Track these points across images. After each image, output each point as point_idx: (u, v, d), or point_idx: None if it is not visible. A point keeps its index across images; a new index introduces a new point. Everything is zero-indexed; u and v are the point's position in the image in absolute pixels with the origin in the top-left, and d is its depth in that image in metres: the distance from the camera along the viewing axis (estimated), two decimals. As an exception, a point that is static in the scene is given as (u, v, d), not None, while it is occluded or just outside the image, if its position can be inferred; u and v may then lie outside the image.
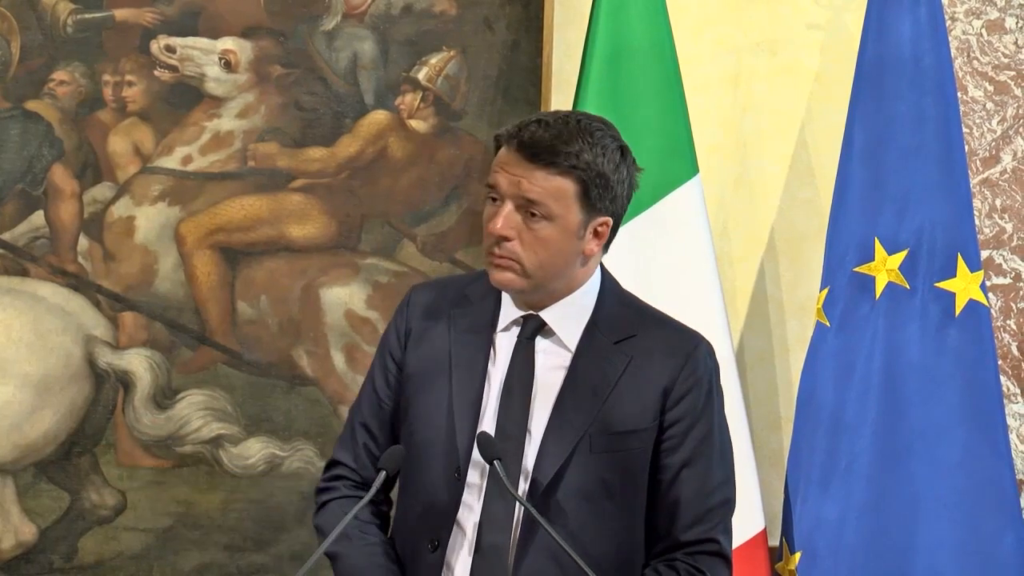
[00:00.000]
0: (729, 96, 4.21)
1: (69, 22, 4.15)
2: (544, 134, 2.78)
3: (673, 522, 2.87)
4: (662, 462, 2.87)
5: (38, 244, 4.17)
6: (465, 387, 2.87)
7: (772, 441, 4.19)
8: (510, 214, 2.79)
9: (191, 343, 4.19)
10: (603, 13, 3.91)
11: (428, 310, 2.96)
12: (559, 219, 2.79)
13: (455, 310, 2.93)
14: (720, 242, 4.12)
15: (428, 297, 2.98)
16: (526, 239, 2.79)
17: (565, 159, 2.77)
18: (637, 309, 2.96)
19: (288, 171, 4.18)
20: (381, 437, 2.98)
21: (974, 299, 3.90)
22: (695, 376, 2.88)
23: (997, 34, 4.22)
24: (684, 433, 2.87)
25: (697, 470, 2.88)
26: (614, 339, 2.88)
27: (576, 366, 2.86)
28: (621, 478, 2.84)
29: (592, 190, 2.80)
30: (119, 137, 4.18)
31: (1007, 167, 4.22)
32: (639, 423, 2.85)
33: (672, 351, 2.88)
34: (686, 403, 2.87)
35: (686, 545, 2.87)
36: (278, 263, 4.19)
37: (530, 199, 2.78)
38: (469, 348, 2.89)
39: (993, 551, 3.88)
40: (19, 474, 4.18)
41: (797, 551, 3.90)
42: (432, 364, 2.91)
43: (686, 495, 2.87)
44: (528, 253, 2.80)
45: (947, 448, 3.88)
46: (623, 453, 2.84)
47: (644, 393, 2.85)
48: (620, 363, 2.86)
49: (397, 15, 4.17)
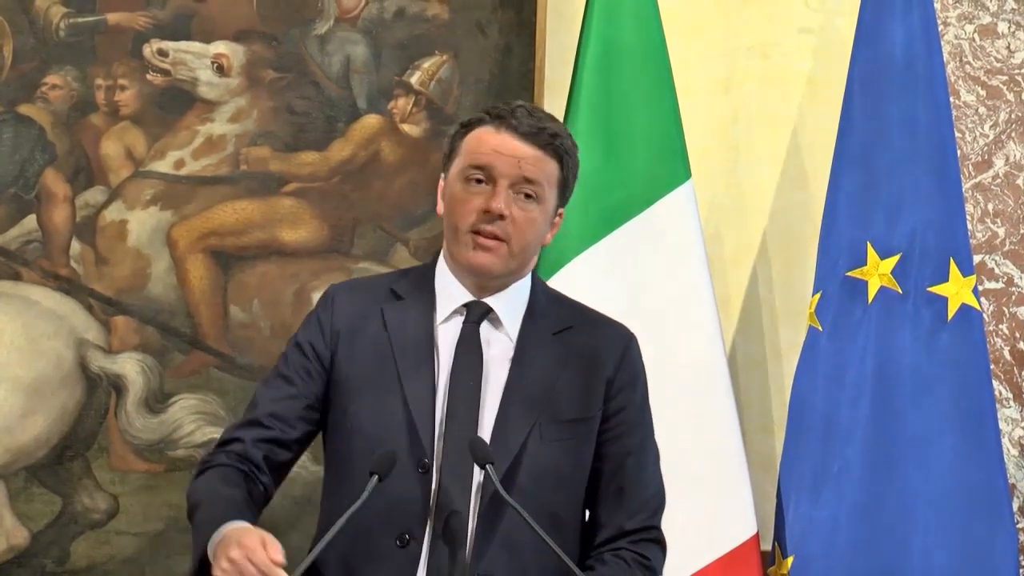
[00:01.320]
0: (721, 100, 4.21)
1: (62, 26, 4.15)
2: (535, 117, 2.86)
3: (618, 511, 2.91)
4: (605, 451, 2.92)
5: (30, 248, 4.16)
6: (415, 381, 2.86)
7: (764, 445, 4.19)
8: (507, 194, 2.84)
9: (183, 347, 4.19)
10: (595, 17, 3.92)
11: (356, 310, 2.96)
12: (545, 203, 2.88)
13: (387, 306, 2.93)
14: (712, 246, 4.12)
15: (353, 297, 2.98)
16: (518, 219, 2.85)
17: (558, 142, 2.86)
18: (567, 302, 3.03)
19: (280, 175, 4.18)
20: (289, 431, 2.93)
21: (966, 303, 3.90)
22: (633, 368, 2.97)
23: (989, 39, 4.22)
24: (627, 423, 2.94)
25: (639, 459, 2.95)
26: (553, 330, 2.93)
27: (521, 355, 2.89)
28: (571, 467, 2.88)
29: (569, 179, 2.91)
30: (112, 141, 4.18)
31: (999, 172, 4.22)
32: (585, 412, 2.90)
33: (610, 343, 2.95)
34: (627, 394, 2.94)
35: (631, 533, 2.91)
36: (270, 267, 4.19)
37: (529, 179, 2.84)
38: (412, 342, 2.89)
39: (985, 554, 3.88)
40: (11, 478, 4.18)
41: (789, 555, 3.90)
42: (373, 363, 2.90)
43: (630, 484, 2.92)
44: (518, 234, 2.85)
45: (939, 452, 3.88)
46: (572, 441, 2.88)
47: (588, 383, 2.90)
48: (563, 353, 2.90)
49: (390, 19, 4.17)
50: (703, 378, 3.90)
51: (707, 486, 3.89)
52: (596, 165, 3.88)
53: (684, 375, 3.88)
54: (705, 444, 3.90)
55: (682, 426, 3.86)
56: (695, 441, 3.87)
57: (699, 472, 3.88)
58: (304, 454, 4.14)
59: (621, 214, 3.92)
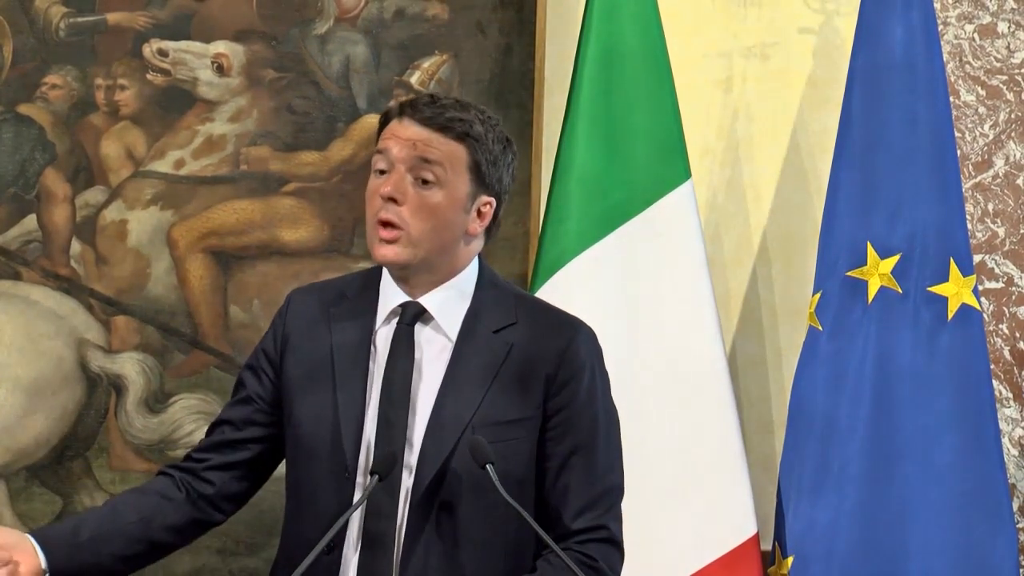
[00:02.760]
0: (721, 100, 4.21)
1: (62, 26, 4.15)
2: (442, 100, 2.84)
3: (563, 510, 2.85)
4: (549, 450, 2.86)
5: (30, 248, 4.17)
6: (348, 385, 2.84)
7: (764, 445, 4.19)
8: (401, 179, 2.80)
9: (184, 347, 4.19)
10: (595, 17, 3.91)
11: (306, 313, 2.95)
12: (449, 186, 2.81)
13: (333, 309, 2.92)
14: (712, 246, 4.12)
15: (306, 300, 2.97)
16: (415, 204, 2.80)
17: (460, 125, 2.82)
18: (516, 296, 2.95)
19: (280, 175, 4.18)
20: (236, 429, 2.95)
21: (966, 303, 3.90)
22: (577, 362, 2.87)
23: (989, 38, 4.22)
24: (569, 420, 2.86)
25: (584, 457, 2.87)
26: (494, 327, 2.87)
27: (457, 355, 2.85)
28: (506, 468, 2.79)
29: (482, 163, 2.84)
30: (112, 141, 4.18)
31: (999, 171, 4.22)
32: (522, 412, 2.84)
33: (553, 338, 2.87)
34: (569, 390, 2.86)
35: (577, 533, 2.85)
36: (270, 267, 4.19)
37: (426, 159, 2.80)
38: (350, 345, 2.88)
39: (985, 555, 3.87)
40: (11, 478, 4.18)
41: (789, 555, 3.90)
42: (313, 366, 2.89)
43: (575, 483, 2.85)
44: (415, 219, 2.80)
45: (939, 452, 3.87)
46: (506, 443, 2.82)
47: (526, 381, 2.84)
48: (501, 352, 2.85)
49: (389, 19, 4.17)
50: (703, 378, 3.90)
51: (707, 486, 3.89)
52: (596, 165, 3.89)
53: (683, 375, 3.88)
54: (705, 444, 3.90)
55: (682, 426, 3.86)
56: (695, 441, 3.87)
57: (699, 472, 3.88)
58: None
59: (621, 214, 3.92)
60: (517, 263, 4.14)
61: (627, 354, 3.84)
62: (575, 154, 3.89)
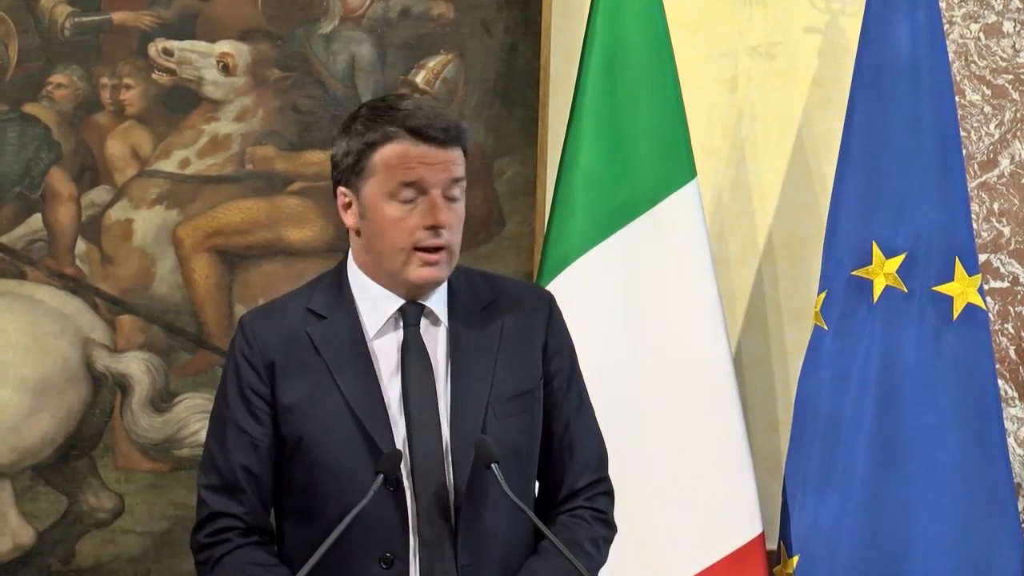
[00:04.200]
0: (726, 100, 4.21)
1: (67, 25, 4.15)
2: (445, 115, 2.83)
3: (570, 470, 2.94)
4: (552, 415, 2.93)
5: (36, 247, 4.17)
6: (363, 399, 2.82)
7: (770, 444, 4.19)
8: (444, 205, 2.81)
9: (189, 346, 4.19)
10: (600, 17, 3.92)
11: (279, 337, 2.89)
12: (463, 193, 2.87)
13: (311, 329, 2.87)
14: (717, 246, 4.12)
15: (270, 325, 2.91)
16: (453, 223, 2.83)
17: (463, 136, 2.85)
18: (478, 274, 3.00)
19: (286, 174, 4.18)
20: (264, 477, 2.89)
21: (972, 303, 3.90)
22: (560, 327, 2.97)
23: (995, 38, 4.22)
24: (566, 383, 2.95)
25: (583, 417, 2.98)
26: (478, 307, 2.91)
27: (457, 343, 2.87)
28: (528, 439, 2.89)
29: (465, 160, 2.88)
30: (117, 140, 4.18)
31: (1005, 171, 4.22)
32: (529, 383, 2.90)
33: (533, 308, 2.94)
34: (560, 357, 2.95)
35: (584, 490, 2.94)
36: (276, 266, 4.19)
37: (457, 178, 2.82)
38: (349, 361, 2.85)
39: (990, 555, 3.88)
40: (16, 477, 4.18)
41: (795, 555, 3.91)
42: (313, 388, 2.85)
43: (579, 442, 2.94)
44: (454, 237, 2.84)
45: (944, 452, 3.88)
46: (524, 414, 2.88)
47: (525, 353, 2.90)
48: (494, 329, 2.89)
49: (395, 18, 4.17)
50: (708, 377, 3.90)
51: (712, 485, 3.89)
52: (601, 164, 3.89)
53: (689, 374, 3.88)
54: (710, 443, 3.90)
55: (687, 425, 3.86)
56: (700, 440, 3.88)
57: (704, 471, 3.88)
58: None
59: (626, 213, 3.92)
60: (522, 262, 4.14)
61: (632, 353, 3.84)
62: (580, 153, 3.89)
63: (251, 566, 2.84)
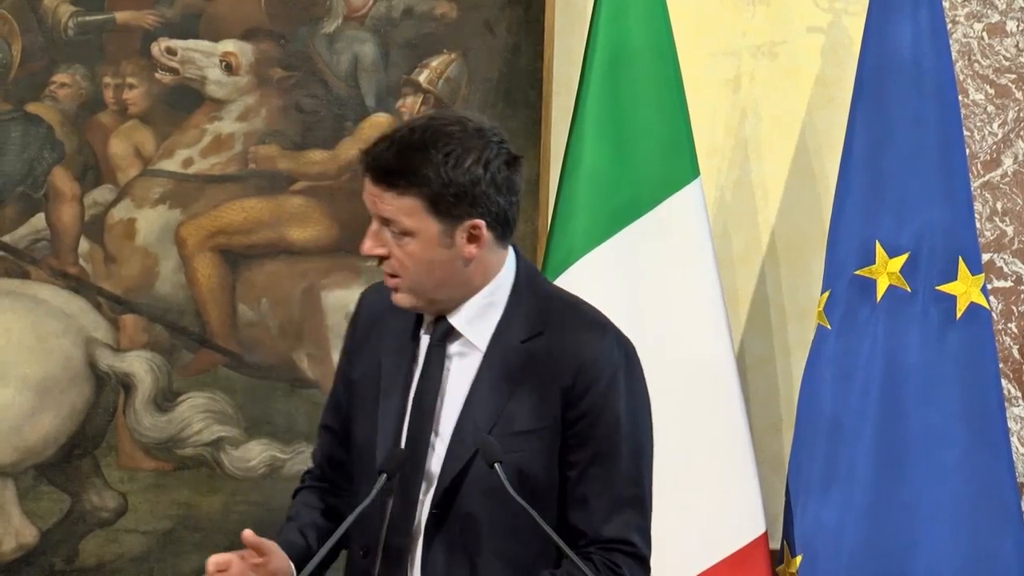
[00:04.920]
0: (729, 99, 4.21)
1: (70, 24, 4.15)
2: (385, 154, 2.75)
3: (585, 520, 2.83)
4: (568, 459, 2.83)
5: (39, 246, 4.17)
6: (389, 395, 2.87)
7: (773, 444, 4.19)
8: (377, 232, 2.79)
9: (192, 345, 4.19)
10: (604, 16, 3.91)
11: (372, 315, 2.96)
12: (418, 233, 2.76)
13: (388, 315, 2.91)
14: (720, 245, 4.12)
15: (373, 301, 2.98)
16: (397, 255, 2.79)
17: (403, 178, 2.74)
18: (549, 303, 2.91)
19: (289, 174, 4.18)
20: (340, 437, 3.00)
21: (975, 302, 3.90)
22: (596, 371, 2.82)
23: (998, 37, 4.22)
24: (587, 429, 2.82)
25: (603, 467, 2.83)
26: (522, 337, 2.84)
27: (484, 368, 2.84)
28: (523, 477, 2.79)
29: (441, 201, 2.75)
30: (120, 139, 4.18)
31: (1008, 170, 4.22)
32: (538, 423, 2.82)
33: (574, 348, 2.83)
34: (587, 400, 2.82)
35: (600, 542, 2.82)
36: (279, 266, 4.19)
37: (385, 218, 2.78)
38: (395, 355, 2.89)
39: (994, 555, 3.88)
40: (20, 476, 4.18)
41: (798, 554, 3.90)
42: (367, 372, 2.91)
43: (595, 492, 2.82)
44: (403, 270, 2.79)
45: (948, 451, 3.87)
46: (522, 454, 2.80)
47: (544, 392, 2.82)
48: (524, 363, 2.83)
49: (398, 18, 4.17)
50: (711, 377, 3.90)
51: (715, 485, 3.89)
52: (604, 163, 3.89)
53: (692, 374, 3.88)
54: (713, 442, 3.90)
55: (690, 425, 3.86)
56: (703, 439, 3.87)
57: (707, 471, 3.88)
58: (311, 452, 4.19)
59: (629, 213, 3.92)
60: (525, 261, 4.15)
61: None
62: (583, 153, 3.89)
63: (299, 504, 3.01)
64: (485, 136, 2.78)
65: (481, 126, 2.80)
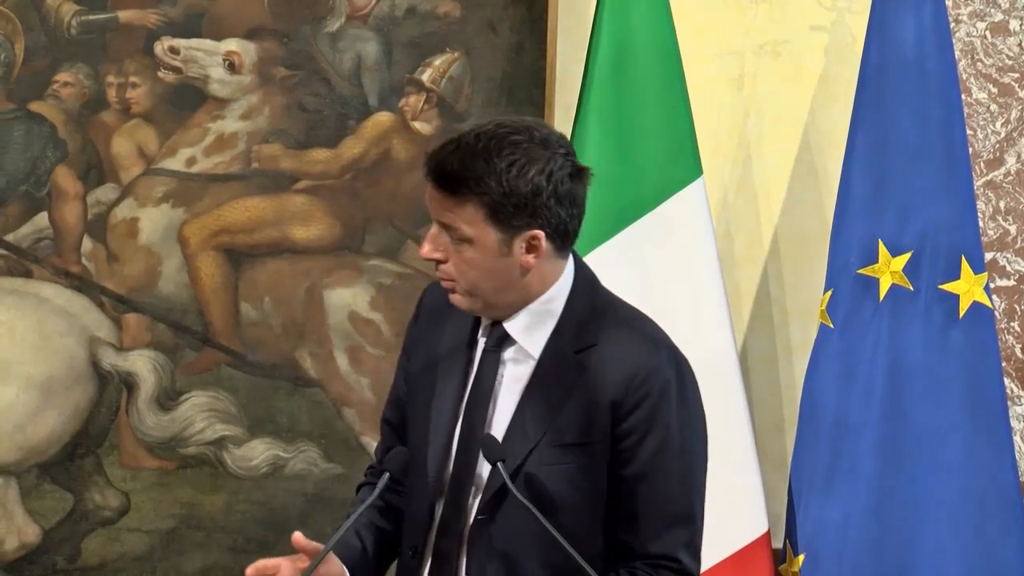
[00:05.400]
0: (732, 98, 4.21)
1: (73, 23, 4.16)
2: (449, 159, 2.74)
3: (632, 536, 2.82)
4: (618, 473, 2.81)
5: (42, 245, 4.17)
6: (443, 396, 2.87)
7: (775, 443, 4.19)
8: (437, 236, 2.79)
9: (195, 344, 4.19)
10: (607, 15, 3.91)
11: (432, 312, 2.97)
12: (477, 241, 2.76)
13: (448, 313, 2.91)
14: (723, 244, 4.12)
15: (435, 298, 2.97)
16: (455, 261, 2.78)
17: (465, 185, 2.73)
18: (606, 315, 2.89)
19: (292, 173, 4.18)
20: (400, 431, 3.01)
21: (978, 301, 3.90)
22: (647, 387, 2.80)
23: (1001, 36, 4.22)
24: (637, 445, 2.80)
25: (653, 485, 2.82)
26: (576, 348, 2.83)
27: (536, 376, 2.83)
28: (570, 490, 2.79)
29: (501, 211, 2.74)
30: (123, 139, 4.18)
31: (1011, 169, 4.22)
32: (586, 437, 2.80)
33: (627, 363, 2.81)
34: (636, 416, 2.80)
35: (647, 557, 2.81)
36: (282, 265, 4.19)
37: (445, 224, 2.77)
38: (451, 356, 2.89)
39: (996, 554, 3.88)
40: (23, 475, 4.19)
41: (800, 553, 3.90)
42: (426, 368, 2.92)
43: (643, 509, 2.81)
44: (460, 275, 2.79)
45: (950, 450, 3.88)
46: (570, 466, 2.80)
47: (593, 407, 2.80)
48: (576, 375, 2.81)
49: (401, 17, 4.17)
50: (714, 375, 3.88)
51: (718, 483, 3.86)
52: (607, 162, 3.88)
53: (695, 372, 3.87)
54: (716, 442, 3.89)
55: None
56: (706, 438, 3.87)
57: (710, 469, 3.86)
58: (314, 451, 4.19)
59: (632, 212, 3.92)
60: (528, 260, 4.15)
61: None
62: (586, 152, 3.88)
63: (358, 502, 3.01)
64: (551, 147, 2.76)
65: (548, 136, 2.78)
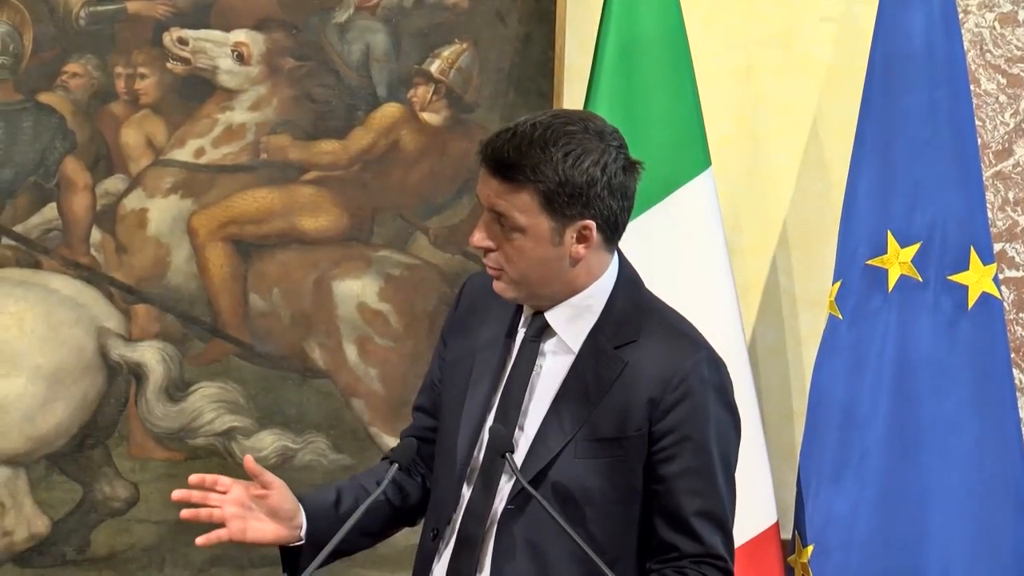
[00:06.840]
0: (741, 89, 4.21)
1: (82, 14, 4.16)
2: (505, 147, 2.75)
3: (674, 534, 2.82)
4: (656, 472, 2.81)
5: (51, 236, 4.18)
6: (478, 383, 2.89)
7: (784, 434, 4.19)
8: (488, 225, 2.80)
9: (203, 335, 4.20)
10: (615, 6, 3.91)
11: (474, 300, 2.98)
12: (529, 229, 2.77)
13: (491, 302, 2.92)
14: (732, 235, 4.12)
15: (476, 286, 2.99)
16: (505, 249, 2.79)
17: (522, 173, 2.74)
18: (647, 312, 2.89)
19: (300, 164, 4.19)
20: (433, 417, 3.02)
21: (986, 292, 3.90)
22: (686, 387, 2.80)
23: (1010, 27, 4.21)
24: (675, 446, 2.80)
25: (695, 484, 2.82)
26: (616, 343, 2.84)
27: (575, 369, 2.84)
28: (603, 485, 2.80)
29: (556, 199, 2.75)
30: (132, 129, 4.19)
31: (1020, 160, 4.22)
32: (622, 431, 2.81)
33: (667, 361, 2.82)
34: (676, 414, 2.80)
35: (692, 556, 2.81)
36: (290, 256, 4.20)
37: (498, 212, 2.78)
38: (490, 345, 2.90)
39: (1004, 544, 3.88)
40: (32, 466, 4.19)
41: (809, 544, 3.91)
42: (463, 356, 2.93)
43: (684, 507, 2.81)
44: (509, 264, 2.80)
45: (959, 441, 3.88)
46: (605, 460, 2.81)
47: (631, 402, 2.81)
48: (616, 369, 2.82)
49: (409, 7, 4.17)
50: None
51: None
52: (616, 153, 3.88)
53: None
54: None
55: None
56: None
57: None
58: (322, 442, 4.19)
59: (641, 202, 3.87)
60: (537, 252, 4.15)
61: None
62: (595, 143, 3.89)
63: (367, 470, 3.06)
64: (605, 139, 2.79)
65: (603, 129, 2.80)
